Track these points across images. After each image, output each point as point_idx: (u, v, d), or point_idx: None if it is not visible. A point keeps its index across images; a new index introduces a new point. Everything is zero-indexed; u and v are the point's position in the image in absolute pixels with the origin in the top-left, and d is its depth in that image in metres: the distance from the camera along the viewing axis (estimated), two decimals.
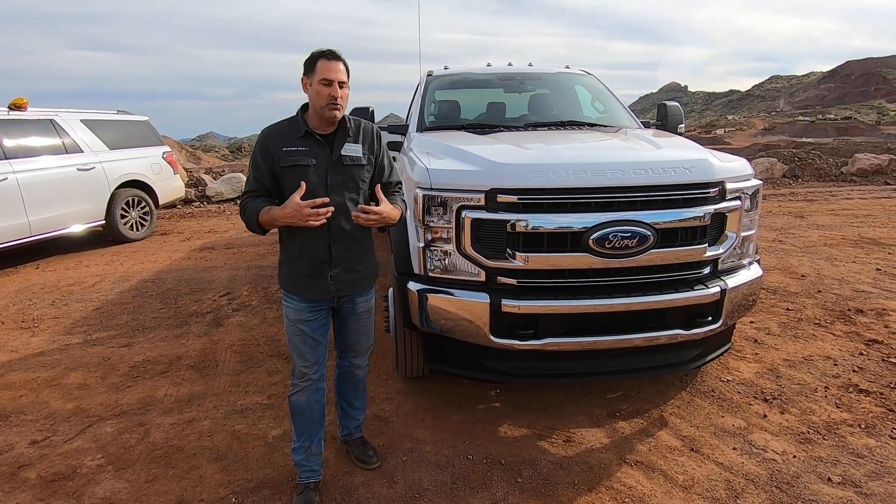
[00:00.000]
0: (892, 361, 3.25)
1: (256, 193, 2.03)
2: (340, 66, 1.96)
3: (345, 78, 1.97)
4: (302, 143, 1.99)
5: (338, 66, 1.95)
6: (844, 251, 5.75)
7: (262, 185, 2.02)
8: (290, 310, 2.11)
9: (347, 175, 2.04)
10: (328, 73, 1.92)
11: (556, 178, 2.34)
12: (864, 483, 2.23)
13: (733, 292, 2.55)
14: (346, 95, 2.00)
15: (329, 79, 1.92)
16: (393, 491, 2.25)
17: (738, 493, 2.20)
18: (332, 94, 1.93)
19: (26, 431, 2.73)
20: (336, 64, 1.95)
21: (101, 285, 5.24)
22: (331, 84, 1.92)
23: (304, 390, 2.16)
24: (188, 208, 9.99)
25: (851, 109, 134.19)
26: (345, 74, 1.97)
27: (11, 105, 6.16)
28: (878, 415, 2.72)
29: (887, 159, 11.54)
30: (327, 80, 1.92)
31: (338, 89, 1.94)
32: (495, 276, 2.44)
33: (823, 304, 4.21)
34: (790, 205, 8.78)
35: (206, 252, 6.56)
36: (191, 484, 2.32)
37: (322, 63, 1.94)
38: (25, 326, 4.21)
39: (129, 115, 7.77)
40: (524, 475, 2.34)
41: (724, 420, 2.71)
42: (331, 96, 1.93)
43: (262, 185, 2.02)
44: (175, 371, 3.37)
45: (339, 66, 1.95)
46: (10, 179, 5.70)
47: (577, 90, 4.46)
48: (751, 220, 2.72)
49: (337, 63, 1.95)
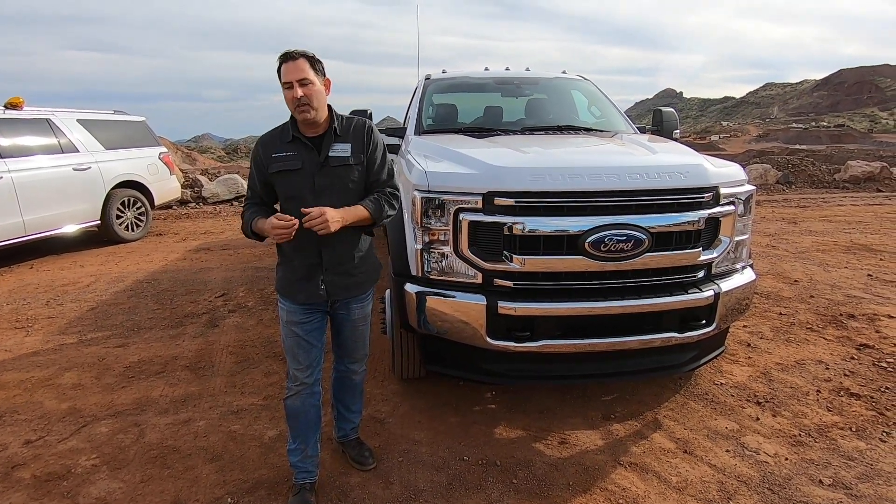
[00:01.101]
0: (883, 366, 3.29)
1: (252, 202, 2.10)
2: (300, 63, 1.88)
3: (306, 74, 1.88)
4: (290, 147, 1.99)
5: (296, 65, 1.88)
6: (837, 257, 5.82)
7: (256, 193, 2.09)
8: (284, 311, 2.11)
9: (335, 177, 2.00)
10: (287, 76, 1.88)
11: (553, 182, 2.37)
12: (854, 485, 2.26)
13: (727, 296, 2.58)
14: (316, 92, 1.91)
15: (288, 80, 1.88)
16: (389, 492, 2.26)
17: (730, 494, 2.22)
18: (294, 97, 1.87)
19: (20, 431, 2.72)
20: (294, 63, 1.88)
21: (96, 285, 5.22)
22: (292, 86, 1.87)
23: (298, 394, 2.15)
24: (184, 209, 9.96)
25: (844, 117, 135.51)
26: (307, 71, 1.88)
27: (7, 104, 6.14)
28: (869, 418, 2.75)
29: (879, 167, 11.67)
30: (288, 83, 1.88)
31: (299, 90, 1.87)
32: (492, 279, 2.46)
33: (816, 308, 4.25)
34: (783, 211, 8.86)
35: (201, 253, 6.55)
36: (186, 484, 2.32)
37: (282, 68, 1.90)
38: (20, 326, 4.19)
39: (125, 116, 7.75)
40: (519, 476, 2.35)
41: (718, 423, 2.73)
42: (294, 99, 1.88)
43: (256, 193, 2.09)
44: (170, 372, 3.36)
45: (297, 66, 1.88)
46: (5, 179, 5.67)
47: (574, 95, 4.50)
48: (744, 225, 2.75)
49: (295, 62, 1.88)
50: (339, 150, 2.01)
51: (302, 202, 1.93)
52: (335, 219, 1.90)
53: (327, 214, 1.87)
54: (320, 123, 1.99)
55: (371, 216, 2.03)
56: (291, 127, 2.00)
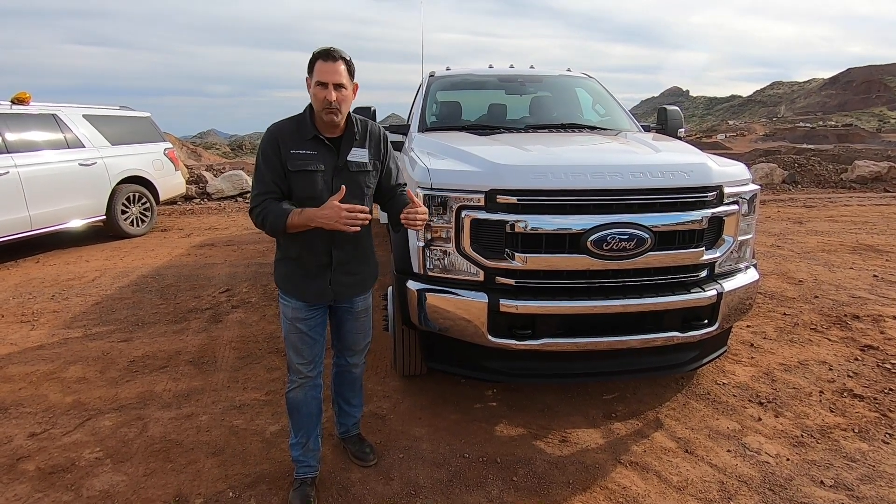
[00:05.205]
0: (887, 367, 3.27)
1: (275, 196, 1.93)
2: (339, 66, 1.86)
3: (343, 80, 1.87)
4: (310, 146, 1.94)
5: (335, 67, 1.86)
6: (842, 257, 5.78)
7: (277, 186, 1.93)
8: (288, 308, 2.11)
9: (352, 181, 1.98)
10: (323, 76, 1.85)
11: (556, 180, 2.36)
12: (856, 487, 2.25)
13: (730, 296, 2.57)
14: (347, 97, 1.91)
15: (324, 81, 1.84)
16: (389, 488, 2.27)
17: (731, 494, 2.22)
18: (327, 98, 1.85)
19: (25, 424, 2.75)
20: (333, 65, 1.86)
21: (100, 280, 5.26)
22: (326, 87, 1.84)
23: (301, 387, 2.16)
24: (189, 205, 10.00)
25: (852, 116, 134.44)
26: (343, 76, 1.87)
27: (14, 99, 6.18)
28: (872, 419, 2.74)
29: (887, 167, 11.57)
30: (323, 83, 1.85)
31: (332, 93, 1.85)
32: (494, 277, 2.46)
33: (820, 309, 4.23)
34: (789, 210, 8.81)
35: (205, 249, 6.58)
36: (189, 478, 2.33)
37: (319, 64, 1.86)
38: (25, 320, 4.23)
39: (131, 111, 7.78)
40: (519, 474, 2.35)
41: (719, 422, 2.73)
42: (326, 100, 1.85)
43: (277, 186, 1.93)
44: (174, 366, 3.38)
45: (336, 68, 1.86)
46: (11, 173, 5.71)
47: (578, 93, 4.48)
48: (748, 225, 2.74)
49: (334, 64, 1.86)
50: (358, 155, 2.01)
51: (319, 203, 1.89)
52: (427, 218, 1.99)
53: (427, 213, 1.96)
54: (340, 125, 1.98)
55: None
56: (311, 125, 1.95)
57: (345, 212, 1.81)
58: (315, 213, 1.85)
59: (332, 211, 1.82)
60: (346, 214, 1.81)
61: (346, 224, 1.82)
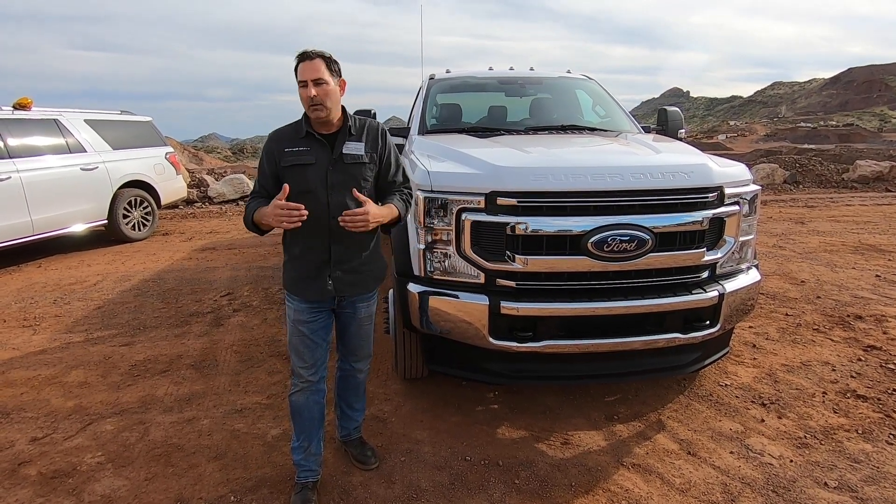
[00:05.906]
0: (891, 367, 3.25)
1: (259, 196, 2.06)
2: (316, 63, 1.92)
3: (321, 75, 1.91)
4: (303, 143, 2.01)
5: (312, 64, 1.91)
6: (844, 257, 5.76)
7: (264, 188, 2.05)
8: (291, 310, 2.13)
9: (349, 174, 2.02)
10: (303, 74, 1.91)
11: (556, 182, 2.36)
12: (860, 488, 2.23)
13: (731, 296, 2.56)
14: (330, 92, 1.94)
15: (304, 79, 1.91)
16: (391, 491, 2.26)
17: (734, 496, 2.21)
18: (308, 95, 1.91)
19: (27, 428, 2.75)
20: (311, 63, 1.92)
21: (102, 284, 5.26)
22: (307, 85, 1.91)
23: (303, 390, 2.16)
24: (190, 209, 10.02)
25: (853, 116, 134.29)
26: (322, 71, 1.92)
27: (16, 104, 6.21)
28: (876, 420, 2.72)
29: (888, 166, 11.54)
30: (303, 82, 1.91)
31: (313, 89, 1.90)
32: (494, 279, 2.45)
33: (822, 309, 4.21)
34: (791, 211, 8.79)
35: (207, 252, 6.58)
36: (190, 482, 2.33)
37: (299, 66, 1.94)
38: (27, 324, 4.24)
39: (132, 116, 7.81)
40: (521, 476, 2.35)
41: (722, 424, 2.72)
42: (308, 97, 1.91)
43: (264, 188, 2.05)
44: (175, 370, 3.38)
45: (313, 65, 1.91)
46: (13, 178, 5.73)
47: (579, 95, 4.48)
48: (749, 225, 2.73)
49: (311, 62, 1.92)
50: (353, 147, 2.04)
51: (315, 197, 1.95)
52: (377, 217, 1.95)
53: (370, 214, 1.91)
54: (334, 122, 2.03)
55: (400, 215, 2.11)
56: (305, 123, 2.03)
57: (279, 209, 1.85)
58: (264, 211, 1.93)
59: (271, 208, 1.88)
60: (279, 212, 1.85)
61: (279, 221, 1.86)
